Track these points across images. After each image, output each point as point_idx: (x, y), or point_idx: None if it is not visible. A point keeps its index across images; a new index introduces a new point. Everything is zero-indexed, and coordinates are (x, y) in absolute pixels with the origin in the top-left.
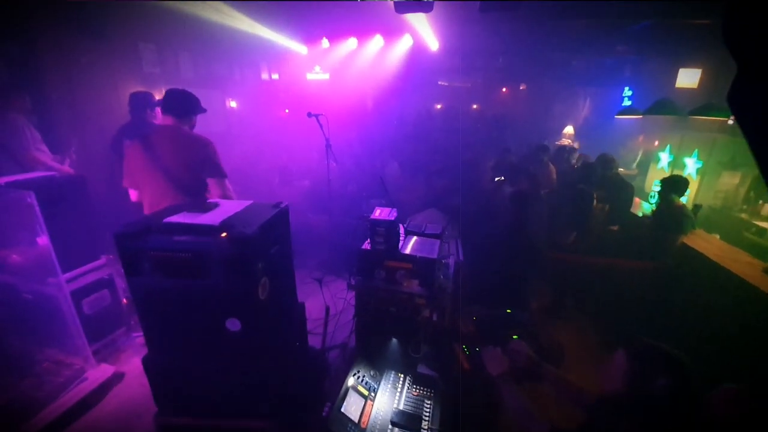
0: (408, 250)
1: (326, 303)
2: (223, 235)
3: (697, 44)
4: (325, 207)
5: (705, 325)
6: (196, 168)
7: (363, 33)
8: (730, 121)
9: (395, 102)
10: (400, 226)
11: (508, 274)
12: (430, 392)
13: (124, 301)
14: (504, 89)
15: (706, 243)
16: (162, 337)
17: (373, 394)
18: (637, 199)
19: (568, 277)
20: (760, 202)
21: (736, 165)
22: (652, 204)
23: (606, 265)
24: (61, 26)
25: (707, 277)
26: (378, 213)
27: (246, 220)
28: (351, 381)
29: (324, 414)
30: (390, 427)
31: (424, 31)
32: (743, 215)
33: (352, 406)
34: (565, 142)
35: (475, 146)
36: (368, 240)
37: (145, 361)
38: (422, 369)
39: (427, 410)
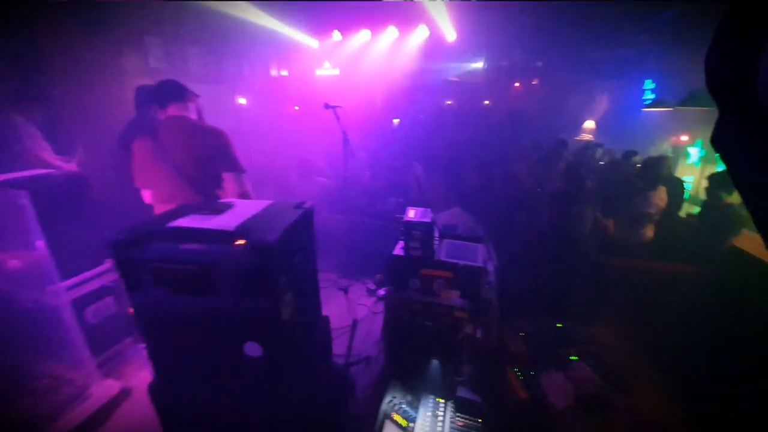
0: (445, 257)
1: (354, 317)
2: (240, 242)
3: None
4: (341, 206)
5: (760, 335)
6: (207, 161)
7: (377, 24)
8: None
9: (406, 99)
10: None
11: (551, 281)
12: (477, 422)
13: (131, 310)
14: (517, 84)
15: (757, 244)
16: (169, 362)
17: (412, 424)
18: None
19: (602, 281)
20: None
21: None
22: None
23: (644, 269)
24: (63, 22)
25: (762, 281)
26: (412, 214)
27: (265, 224)
28: (386, 408)
29: None
30: None
31: (442, 20)
32: None
33: None
34: (586, 137)
35: (491, 143)
36: (400, 244)
37: (152, 390)
38: (463, 392)
39: None
